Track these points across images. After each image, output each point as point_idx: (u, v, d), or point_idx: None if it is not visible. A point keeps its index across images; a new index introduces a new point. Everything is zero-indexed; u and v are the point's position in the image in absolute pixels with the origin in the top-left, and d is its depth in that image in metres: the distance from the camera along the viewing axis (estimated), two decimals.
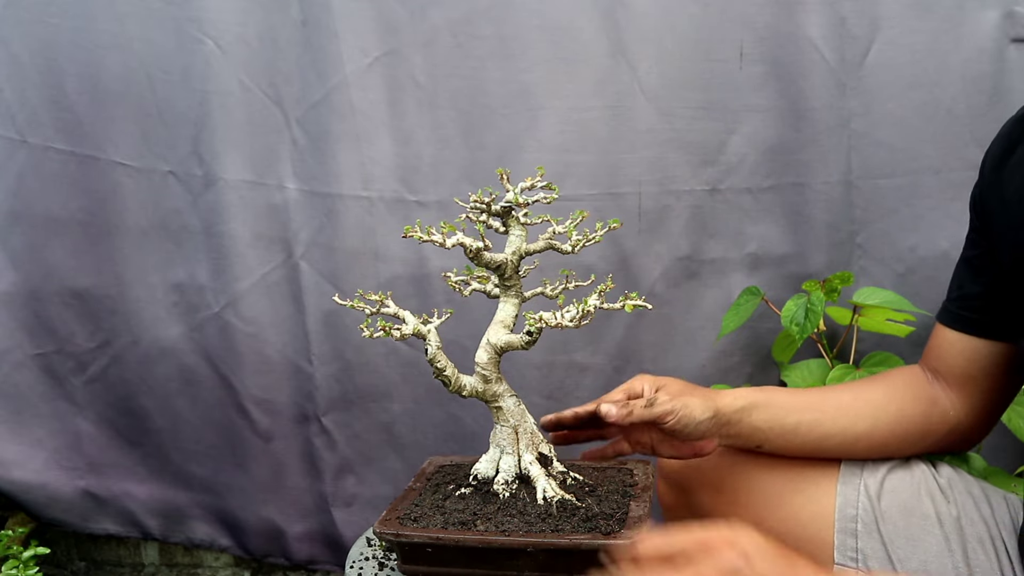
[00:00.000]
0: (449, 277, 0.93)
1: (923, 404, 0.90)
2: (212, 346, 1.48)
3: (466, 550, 0.77)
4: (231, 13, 1.37)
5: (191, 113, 1.41)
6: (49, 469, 1.54)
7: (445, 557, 0.79)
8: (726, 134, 1.34)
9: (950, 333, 0.89)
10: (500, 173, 0.85)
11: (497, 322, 0.87)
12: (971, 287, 0.87)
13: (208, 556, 1.65)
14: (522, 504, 0.83)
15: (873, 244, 1.35)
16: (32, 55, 1.41)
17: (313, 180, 1.41)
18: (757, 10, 1.30)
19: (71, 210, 1.46)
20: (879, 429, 0.89)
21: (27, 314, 1.50)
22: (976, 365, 0.87)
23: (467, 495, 0.87)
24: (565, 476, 0.88)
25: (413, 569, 0.81)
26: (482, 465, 0.88)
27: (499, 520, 0.80)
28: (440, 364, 0.84)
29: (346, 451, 1.50)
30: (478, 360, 0.85)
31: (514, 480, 0.86)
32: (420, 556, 0.80)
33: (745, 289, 1.32)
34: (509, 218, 0.86)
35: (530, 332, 0.83)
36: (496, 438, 0.87)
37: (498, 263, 0.85)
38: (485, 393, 0.86)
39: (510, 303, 0.88)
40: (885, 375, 0.97)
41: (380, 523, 0.81)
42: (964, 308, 0.87)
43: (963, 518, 0.84)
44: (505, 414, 0.87)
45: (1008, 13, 1.26)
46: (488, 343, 0.86)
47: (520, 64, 1.34)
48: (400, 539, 0.79)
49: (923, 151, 1.31)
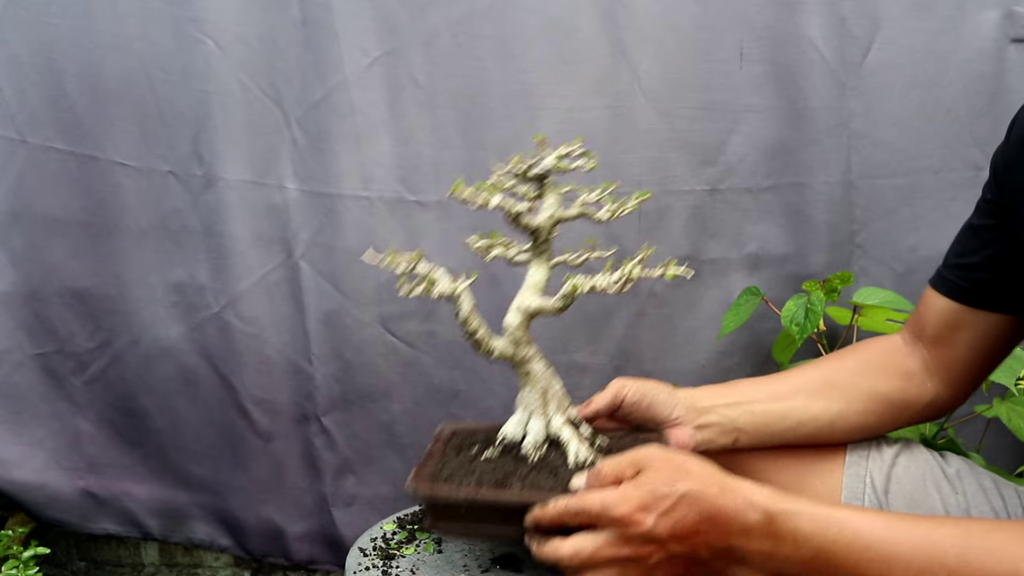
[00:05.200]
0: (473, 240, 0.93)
1: (897, 379, 0.89)
2: (212, 346, 1.48)
3: (502, 509, 0.77)
4: (231, 13, 1.37)
5: (191, 113, 1.41)
6: (49, 469, 1.55)
7: (480, 515, 0.78)
8: (726, 134, 1.34)
9: (940, 299, 0.87)
10: (536, 139, 0.85)
11: (528, 286, 0.86)
12: (972, 256, 0.85)
13: (208, 556, 1.65)
14: (553, 466, 0.83)
15: (873, 244, 1.35)
16: (32, 55, 1.41)
17: (313, 180, 1.41)
18: (757, 10, 1.30)
19: (71, 210, 1.46)
20: (853, 408, 0.89)
21: (27, 314, 1.50)
22: (962, 336, 0.85)
23: (495, 457, 0.86)
24: (594, 439, 0.88)
25: (445, 526, 0.82)
26: (509, 428, 0.87)
27: (533, 480, 0.80)
28: (472, 326, 0.83)
29: (346, 451, 1.50)
30: (508, 323, 0.85)
31: (543, 443, 0.86)
32: (454, 514, 0.79)
33: (745, 289, 1.32)
34: (545, 184, 0.86)
35: (565, 296, 0.83)
36: (524, 401, 0.87)
37: (535, 227, 0.85)
38: (514, 356, 0.85)
39: (542, 268, 0.87)
40: (856, 349, 0.96)
41: (413, 480, 0.80)
42: (960, 277, 0.85)
43: (973, 510, 0.83)
44: (534, 377, 0.86)
45: (1008, 13, 1.26)
46: (519, 307, 0.85)
47: (520, 64, 1.34)
48: (434, 497, 0.79)
49: (923, 151, 1.31)
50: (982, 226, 0.84)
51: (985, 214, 0.84)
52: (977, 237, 0.84)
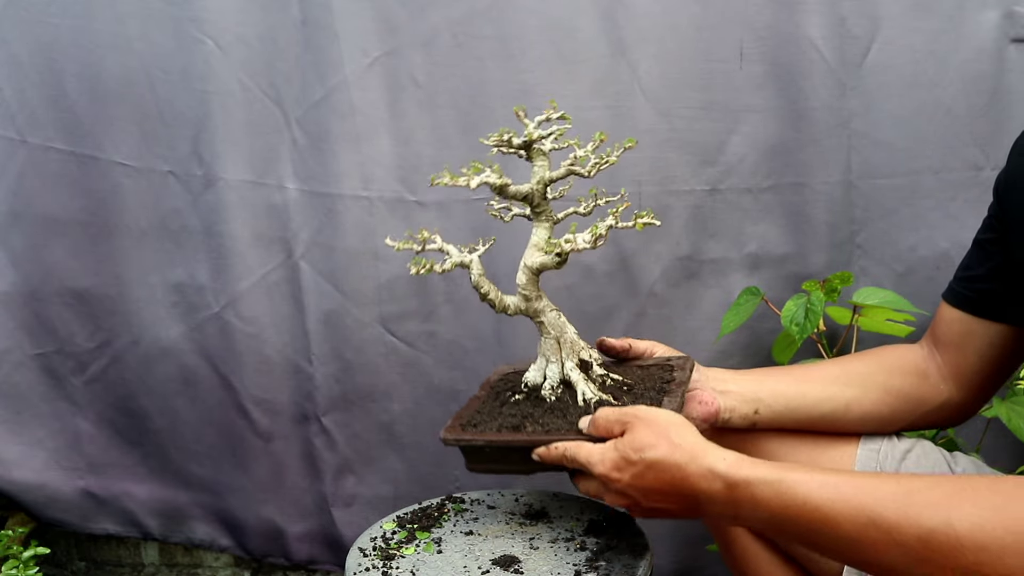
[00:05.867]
0: (492, 206, 1.00)
1: (912, 376, 0.94)
2: (212, 346, 1.49)
3: (517, 449, 0.88)
4: (231, 13, 1.37)
5: (191, 113, 1.41)
6: (49, 469, 1.55)
7: (500, 456, 0.90)
8: (726, 134, 1.34)
9: (950, 310, 0.92)
10: (516, 111, 0.92)
11: (532, 245, 0.94)
12: (977, 268, 0.90)
13: (208, 556, 1.65)
14: (565, 406, 0.92)
15: (873, 244, 1.35)
16: (32, 55, 1.41)
17: (313, 180, 1.41)
18: (757, 10, 1.30)
19: (71, 210, 1.46)
20: (868, 396, 0.93)
21: (27, 314, 1.50)
22: (971, 344, 0.90)
23: (520, 400, 0.96)
24: (604, 378, 0.95)
25: (479, 467, 0.93)
26: (531, 374, 0.96)
27: (544, 421, 0.90)
28: (484, 289, 0.92)
29: (346, 451, 1.50)
30: (518, 281, 0.93)
31: (559, 385, 0.94)
32: (482, 456, 0.91)
33: (745, 289, 1.32)
34: (531, 151, 0.93)
35: (558, 255, 0.91)
36: (542, 349, 0.95)
37: (524, 194, 0.92)
38: (527, 310, 0.94)
39: (542, 228, 0.94)
40: (874, 350, 1.01)
41: (446, 430, 0.91)
42: (966, 288, 0.91)
43: None
44: (547, 327, 0.94)
45: (1008, 13, 1.26)
46: (525, 265, 0.93)
47: (520, 64, 1.34)
48: (462, 443, 0.91)
49: (923, 151, 1.31)
50: (986, 240, 0.90)
51: (988, 228, 0.90)
52: (982, 251, 0.90)
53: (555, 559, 0.92)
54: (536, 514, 1.06)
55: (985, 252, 0.90)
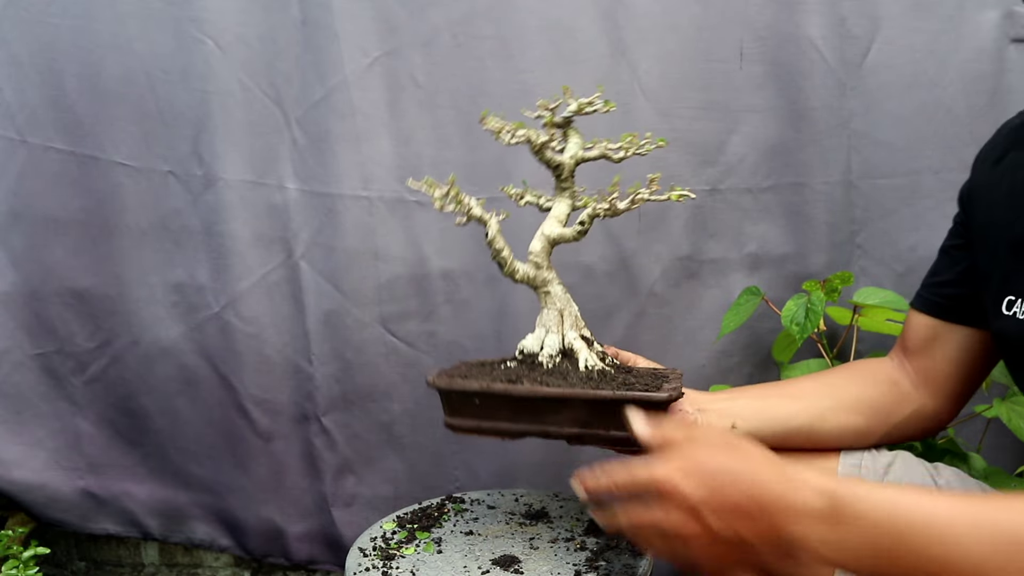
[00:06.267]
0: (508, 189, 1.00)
1: (883, 385, 0.95)
2: (212, 346, 1.48)
3: (512, 400, 0.83)
4: (231, 13, 1.37)
5: (191, 113, 1.41)
6: (49, 469, 1.55)
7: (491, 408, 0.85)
8: (726, 134, 1.34)
9: (918, 317, 0.94)
10: (564, 88, 0.93)
11: (552, 217, 0.95)
12: (945, 274, 0.92)
13: (208, 556, 1.65)
14: (565, 371, 0.89)
15: (873, 244, 1.35)
16: (32, 55, 1.41)
17: (313, 180, 1.41)
18: (757, 10, 1.30)
19: (71, 210, 1.46)
20: (842, 406, 0.93)
21: (27, 314, 1.50)
22: (940, 350, 0.92)
23: (513, 367, 0.92)
24: (604, 356, 0.95)
25: (460, 423, 0.87)
26: (528, 341, 0.95)
27: (544, 380, 0.86)
28: (499, 245, 0.92)
29: (346, 451, 1.50)
30: (532, 249, 0.93)
31: (558, 353, 0.92)
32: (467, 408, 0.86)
33: (745, 289, 1.32)
34: (568, 127, 0.94)
35: (582, 223, 0.92)
36: (543, 320, 0.94)
37: (558, 163, 0.93)
38: (535, 279, 0.93)
39: (564, 203, 0.95)
40: (846, 365, 1.03)
41: (436, 377, 0.87)
42: (935, 294, 0.93)
43: None
44: (553, 298, 0.94)
45: (1008, 13, 1.26)
46: (543, 234, 0.93)
47: (520, 64, 1.34)
48: (452, 389, 0.86)
49: (923, 151, 1.31)
50: (953, 246, 0.93)
51: (955, 236, 0.93)
52: (949, 257, 0.93)
53: (555, 559, 0.92)
54: (536, 514, 1.06)
55: (952, 258, 0.92)
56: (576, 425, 0.83)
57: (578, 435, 0.84)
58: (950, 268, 0.92)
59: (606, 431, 0.82)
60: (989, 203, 0.85)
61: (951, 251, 0.93)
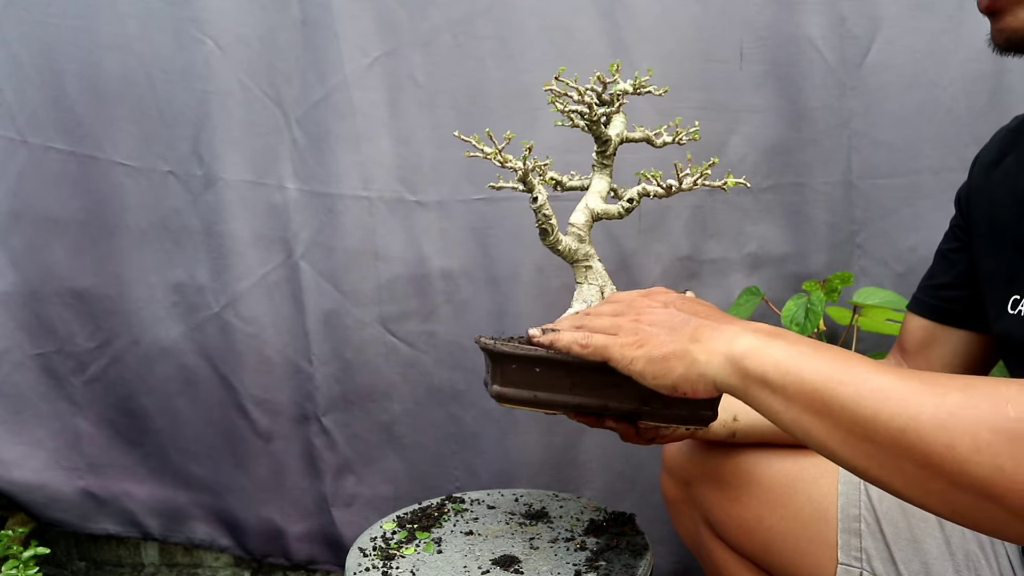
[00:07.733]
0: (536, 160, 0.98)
1: None
2: (212, 346, 1.49)
3: (576, 370, 0.78)
4: (231, 13, 1.37)
5: (191, 113, 1.41)
6: (49, 469, 1.55)
7: (551, 379, 0.79)
8: (726, 134, 1.34)
9: (916, 320, 0.94)
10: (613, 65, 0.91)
11: (592, 192, 0.94)
12: (942, 277, 0.93)
13: (208, 556, 1.65)
14: None
15: (873, 244, 1.35)
16: (32, 55, 1.41)
17: (313, 180, 1.41)
18: (757, 10, 1.30)
19: (71, 210, 1.46)
20: None
21: (27, 314, 1.50)
22: (937, 352, 0.92)
23: None
24: None
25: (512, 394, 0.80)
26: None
27: None
28: (547, 211, 0.88)
29: (346, 451, 1.50)
30: (575, 221, 0.91)
31: None
32: (524, 377, 0.79)
33: (745, 289, 1.32)
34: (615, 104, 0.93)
35: (631, 200, 0.91)
36: (582, 295, 0.92)
37: (607, 137, 0.93)
38: (577, 252, 0.91)
39: (604, 179, 0.95)
40: None
41: (496, 342, 0.80)
42: (932, 296, 0.93)
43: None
44: (595, 273, 0.93)
45: None
46: (587, 207, 0.92)
47: (520, 64, 1.34)
48: (515, 353, 0.79)
49: (923, 151, 1.31)
50: (950, 249, 0.92)
51: (952, 239, 0.93)
52: (946, 260, 0.93)
53: (555, 559, 0.92)
54: (536, 514, 1.06)
55: (949, 261, 0.92)
56: (635, 401, 0.79)
57: (635, 411, 0.80)
58: (947, 271, 0.92)
59: (666, 407, 0.78)
60: (990, 205, 0.85)
61: (948, 254, 0.93)
